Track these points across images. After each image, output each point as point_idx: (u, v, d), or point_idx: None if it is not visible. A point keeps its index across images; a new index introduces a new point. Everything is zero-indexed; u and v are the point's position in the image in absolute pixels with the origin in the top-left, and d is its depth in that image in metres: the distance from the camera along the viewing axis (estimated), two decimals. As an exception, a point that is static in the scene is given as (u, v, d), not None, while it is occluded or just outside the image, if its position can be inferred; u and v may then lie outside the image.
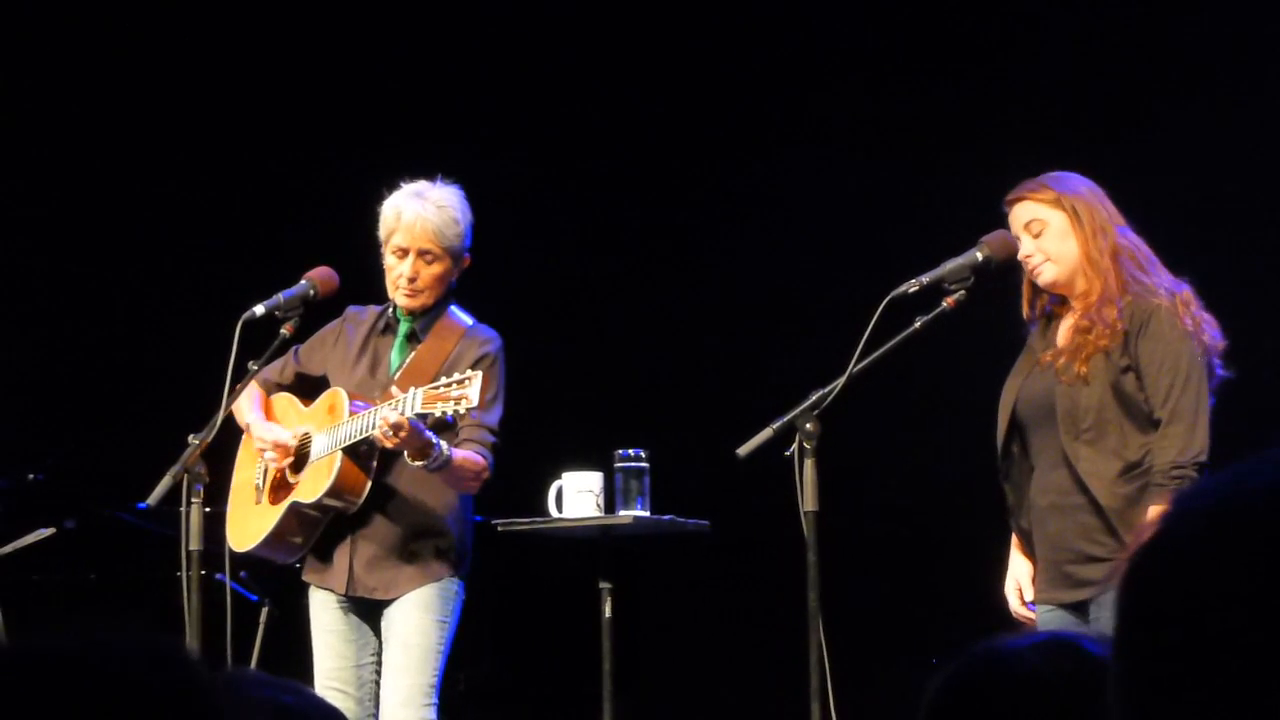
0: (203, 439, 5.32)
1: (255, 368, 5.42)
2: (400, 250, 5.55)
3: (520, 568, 6.93)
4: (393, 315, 5.66)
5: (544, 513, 5.97)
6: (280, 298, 5.46)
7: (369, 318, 5.71)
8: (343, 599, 5.54)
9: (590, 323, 7.92)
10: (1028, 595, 5.21)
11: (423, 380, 5.30)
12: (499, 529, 6.00)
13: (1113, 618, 1.24)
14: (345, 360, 5.67)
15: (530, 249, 7.92)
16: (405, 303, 5.58)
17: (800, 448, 4.95)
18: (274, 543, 5.61)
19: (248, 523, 5.67)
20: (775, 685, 6.18)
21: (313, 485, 5.52)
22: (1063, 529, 5.06)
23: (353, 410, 5.48)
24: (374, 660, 5.55)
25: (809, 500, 4.95)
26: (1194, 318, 5.04)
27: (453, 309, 5.64)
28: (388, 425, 5.21)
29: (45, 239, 8.32)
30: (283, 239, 7.62)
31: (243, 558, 5.75)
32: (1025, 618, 5.20)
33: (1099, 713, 1.24)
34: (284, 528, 5.57)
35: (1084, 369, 5.04)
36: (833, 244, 7.64)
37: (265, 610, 6.51)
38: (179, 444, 5.31)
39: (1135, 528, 4.92)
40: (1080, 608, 5.05)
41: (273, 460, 5.64)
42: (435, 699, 5.44)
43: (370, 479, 5.49)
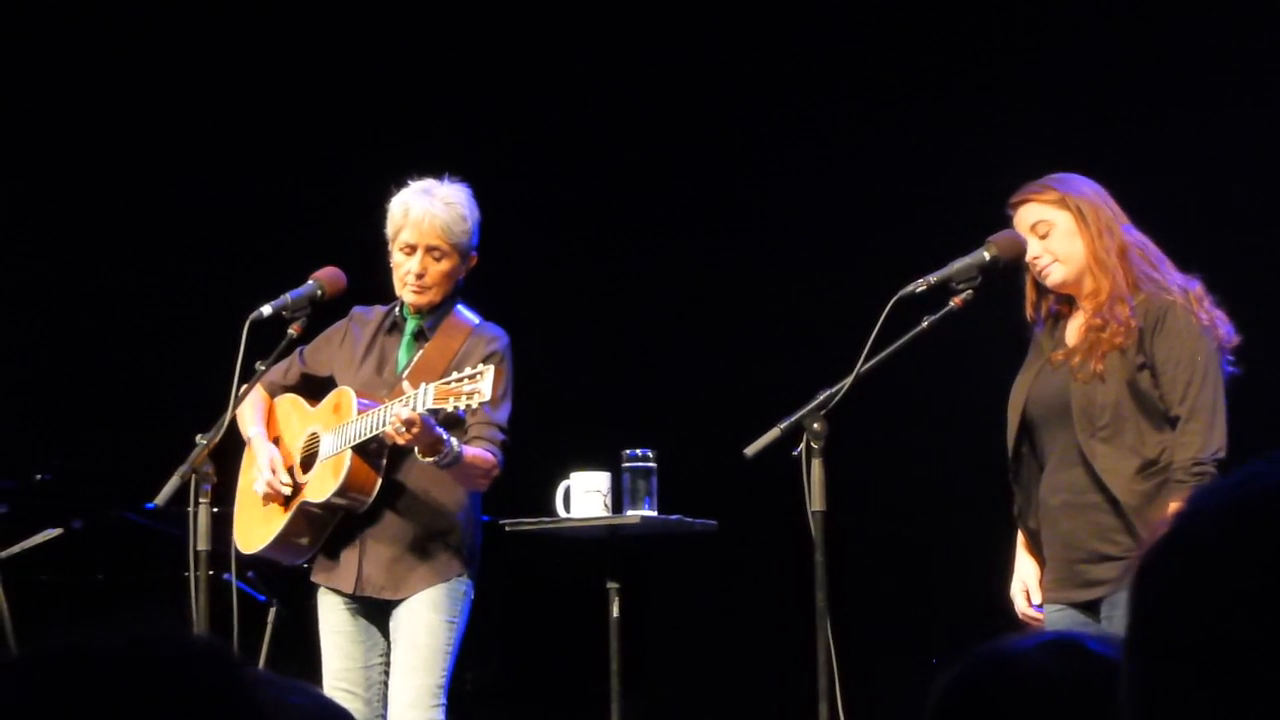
0: (210, 439, 5.32)
1: (263, 368, 5.42)
2: (408, 247, 5.55)
3: (528, 568, 6.92)
4: (399, 314, 5.65)
5: (551, 513, 5.96)
6: (288, 298, 5.45)
7: (375, 317, 5.70)
8: (351, 600, 5.53)
9: (598, 323, 7.92)
10: (1035, 597, 5.19)
11: (431, 378, 5.30)
12: (506, 529, 5.99)
13: (1125, 616, 1.24)
14: (352, 360, 5.66)
15: (538, 249, 7.92)
16: (413, 299, 5.57)
17: (808, 447, 4.94)
18: (282, 544, 5.59)
19: (255, 524, 5.65)
20: (783, 685, 6.17)
21: (322, 484, 5.51)
22: (1076, 528, 5.04)
23: (360, 409, 5.46)
24: (382, 661, 5.54)
25: (816, 500, 4.94)
26: (1208, 313, 5.03)
27: (459, 307, 5.63)
28: (400, 421, 5.20)
29: (52, 240, 8.32)
30: (290, 239, 7.62)
31: (250, 559, 5.74)
32: (1032, 619, 5.18)
33: (1106, 713, 1.24)
34: (292, 529, 5.56)
35: (1100, 366, 5.02)
36: (840, 243, 7.64)
37: (273, 611, 6.51)
38: (187, 444, 5.31)
39: (1151, 526, 4.91)
40: (1091, 607, 5.04)
41: (265, 489, 5.57)
42: (444, 699, 5.43)
43: (380, 477, 5.48)
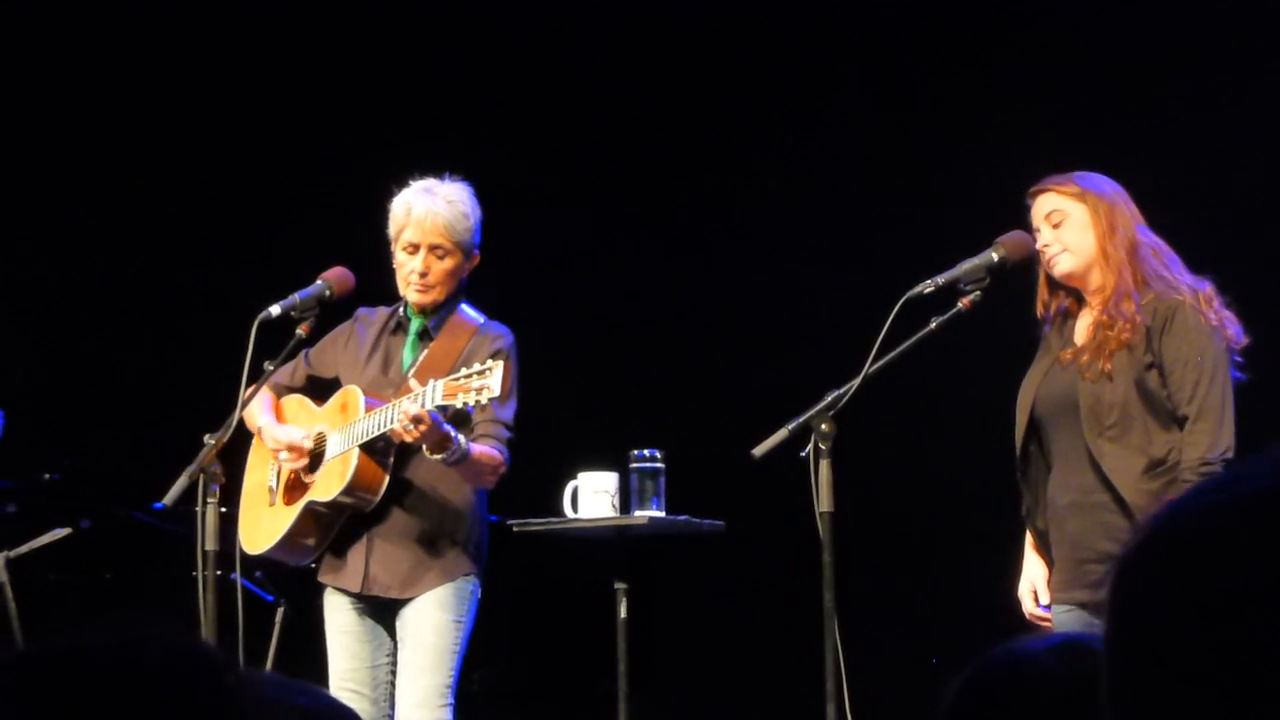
0: (219, 439, 5.32)
1: (271, 368, 5.42)
2: (411, 246, 5.55)
3: (536, 568, 6.93)
4: (404, 314, 5.65)
5: (559, 513, 5.97)
6: (296, 298, 5.46)
7: (379, 318, 5.70)
8: (358, 599, 5.53)
9: (606, 323, 7.92)
10: (1043, 598, 5.19)
11: (437, 377, 5.29)
12: (514, 529, 5.99)
13: (1105, 615, 1.23)
14: (357, 360, 5.66)
15: (545, 250, 7.92)
16: (417, 298, 5.56)
17: (815, 448, 4.94)
18: (288, 544, 5.59)
19: (261, 524, 5.65)
20: (790, 686, 6.17)
21: (329, 483, 5.51)
22: (1084, 528, 5.03)
23: (368, 407, 5.47)
24: (389, 661, 5.53)
25: (824, 501, 4.94)
26: (1217, 313, 5.03)
27: (463, 306, 5.63)
28: (408, 418, 5.19)
29: (61, 240, 8.33)
30: (299, 239, 7.62)
31: (256, 560, 5.74)
32: (1040, 619, 5.17)
33: None
34: (299, 528, 5.56)
35: (1108, 365, 5.02)
36: (848, 244, 7.64)
37: (281, 611, 6.51)
38: (195, 444, 5.31)
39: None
40: (1100, 608, 5.02)
41: (287, 461, 5.62)
42: (451, 699, 5.43)
43: (387, 476, 5.48)
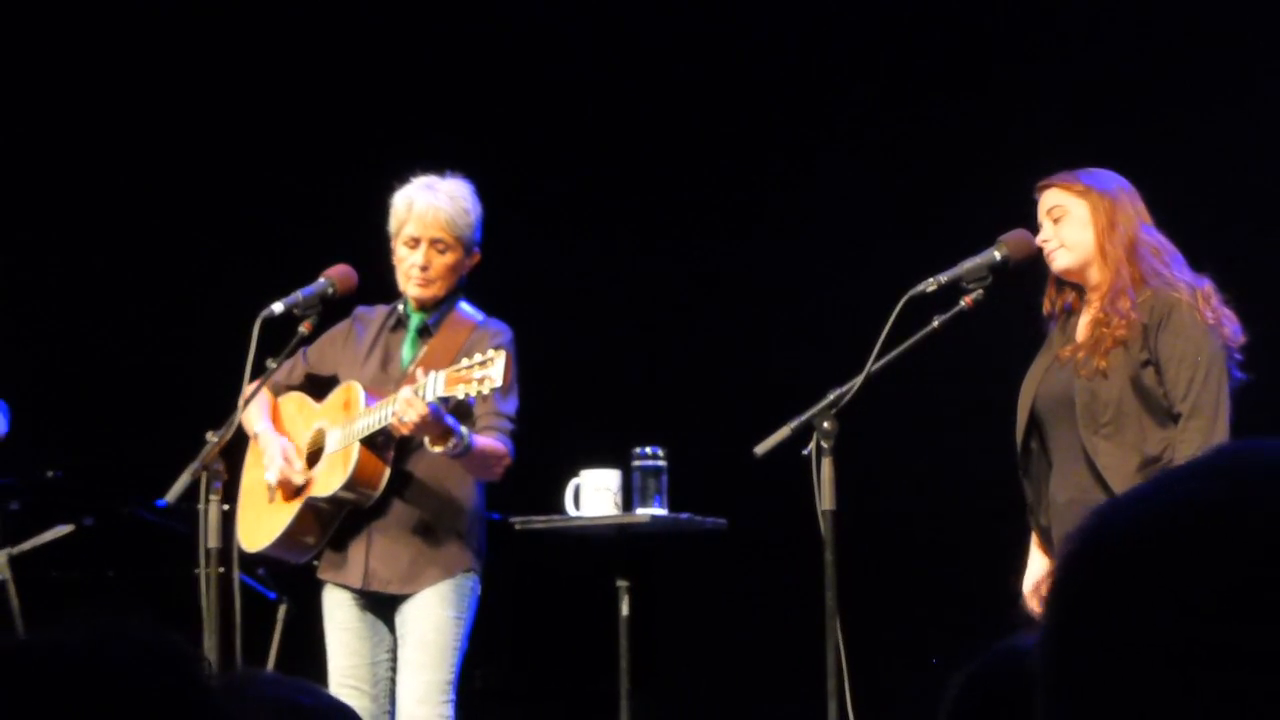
0: (221, 436, 5.32)
1: (274, 365, 5.42)
2: (412, 240, 5.55)
3: (538, 566, 6.92)
4: (403, 311, 5.65)
5: (562, 511, 5.96)
6: (299, 295, 5.46)
7: (378, 316, 5.70)
8: (357, 596, 5.53)
9: (608, 321, 7.92)
10: (1046, 595, 5.19)
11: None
12: (517, 527, 5.99)
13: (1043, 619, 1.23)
14: (356, 358, 5.65)
15: (547, 247, 7.92)
16: (417, 293, 5.56)
17: (818, 446, 4.94)
18: (287, 541, 5.58)
19: (260, 522, 5.63)
20: (792, 684, 6.17)
21: (329, 479, 5.50)
22: None
23: (368, 404, 5.46)
24: (389, 657, 5.53)
25: (826, 499, 4.94)
26: (1215, 311, 5.02)
27: (462, 304, 5.63)
28: (408, 407, 5.20)
29: (63, 238, 8.33)
30: (301, 237, 7.62)
31: (255, 558, 5.73)
32: (1044, 617, 5.17)
33: None
34: (299, 525, 5.55)
35: (1103, 363, 5.03)
36: (851, 242, 7.63)
37: (283, 608, 6.51)
38: (197, 441, 5.31)
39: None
40: None
41: (279, 476, 5.56)
42: (453, 695, 5.43)
43: (387, 471, 5.47)
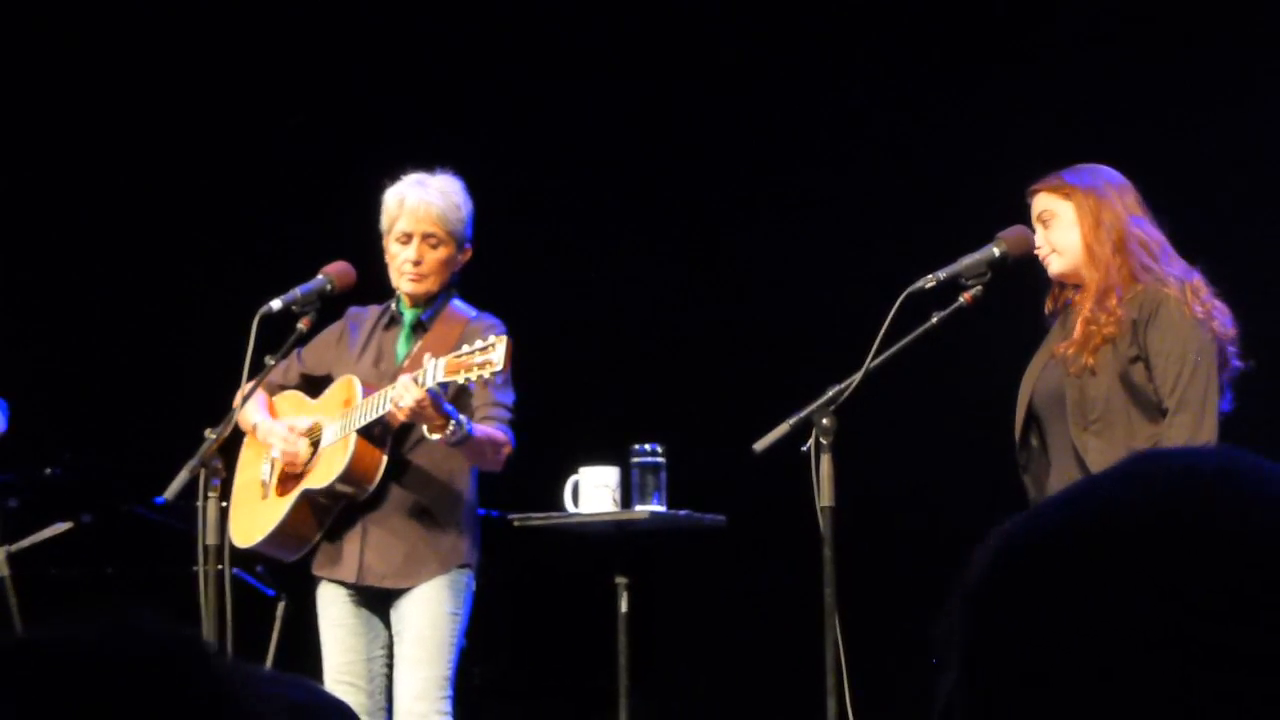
0: (219, 433, 5.32)
1: (272, 362, 5.42)
2: (404, 235, 5.55)
3: (537, 563, 6.92)
4: (396, 309, 5.65)
5: (560, 508, 5.96)
6: (297, 292, 5.46)
7: (371, 316, 5.70)
8: (352, 592, 5.52)
9: (607, 318, 7.91)
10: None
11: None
12: (515, 524, 5.99)
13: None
14: (349, 357, 5.64)
15: (546, 244, 7.92)
16: (410, 288, 5.56)
17: (817, 443, 4.94)
18: (281, 536, 5.56)
19: (253, 518, 5.62)
20: (791, 681, 6.17)
21: (326, 470, 5.49)
22: None
23: (365, 397, 5.46)
24: (384, 653, 5.52)
25: (825, 495, 4.94)
26: (1204, 305, 5.02)
27: (456, 300, 5.62)
28: (406, 392, 5.19)
29: (63, 235, 8.33)
30: (300, 234, 7.62)
31: (247, 554, 5.72)
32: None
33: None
34: (294, 518, 5.54)
35: (1091, 360, 5.03)
36: (850, 239, 7.63)
37: (281, 605, 6.51)
38: (196, 439, 5.31)
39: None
40: None
41: (285, 447, 5.57)
42: (450, 691, 5.43)
43: (384, 463, 5.46)
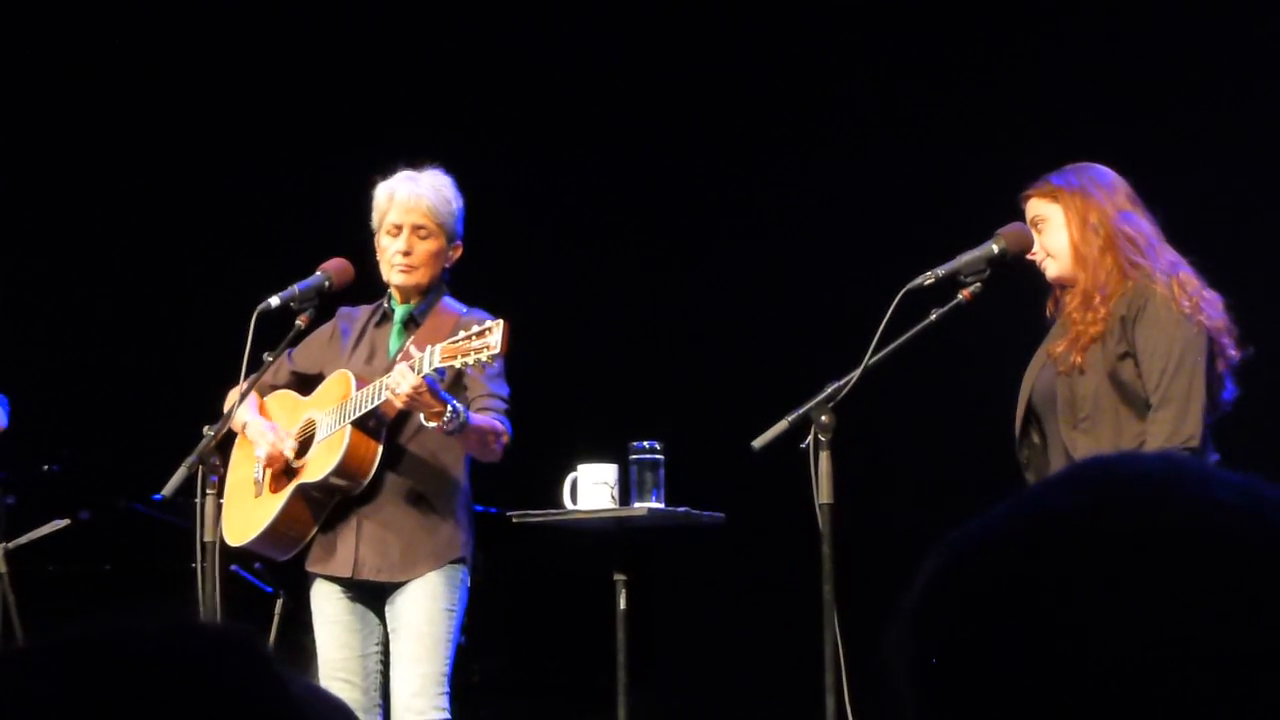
0: (218, 430, 5.32)
1: (270, 359, 5.42)
2: (394, 228, 5.56)
3: (535, 560, 6.93)
4: (388, 305, 5.65)
5: (559, 505, 5.96)
6: (295, 289, 5.46)
7: (363, 314, 5.70)
8: (346, 587, 5.51)
9: (605, 315, 7.92)
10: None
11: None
12: (514, 521, 5.99)
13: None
14: (341, 354, 5.64)
15: (545, 242, 7.92)
16: (401, 280, 5.55)
17: (815, 440, 4.93)
18: (274, 533, 5.55)
19: (246, 515, 5.61)
20: (790, 678, 6.17)
21: (320, 464, 5.48)
22: None
23: (359, 390, 5.45)
24: (379, 650, 5.52)
25: (824, 493, 4.94)
26: (1191, 299, 5.01)
27: (447, 297, 5.62)
28: (402, 379, 5.18)
29: (61, 233, 8.33)
30: (298, 231, 7.62)
31: (240, 552, 5.71)
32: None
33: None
34: (287, 514, 5.53)
35: (1079, 359, 5.04)
36: (848, 236, 7.63)
37: (280, 602, 6.51)
38: (194, 435, 5.31)
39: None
40: None
41: (269, 450, 5.56)
42: (447, 688, 5.43)
43: (378, 455, 5.45)
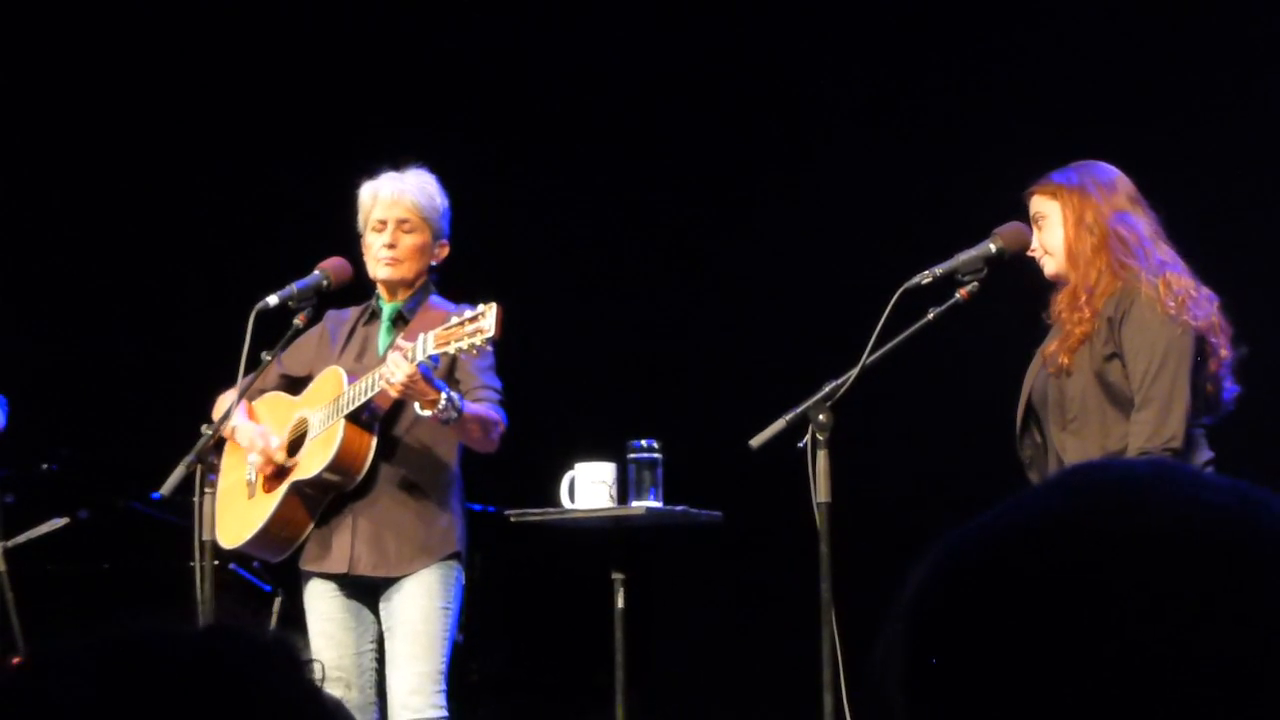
0: (216, 429, 5.33)
1: (269, 358, 5.42)
2: (379, 223, 5.57)
3: (533, 559, 6.93)
4: (376, 304, 5.65)
5: (557, 504, 5.96)
6: (294, 288, 5.46)
7: (351, 315, 5.71)
8: (341, 585, 5.51)
9: (603, 314, 7.92)
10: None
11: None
12: (511, 519, 5.99)
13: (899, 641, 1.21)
14: (331, 354, 5.64)
15: (543, 240, 7.92)
16: (386, 274, 5.56)
17: (813, 439, 4.94)
18: (268, 534, 5.55)
19: (240, 517, 5.61)
20: (788, 677, 6.18)
21: (314, 460, 5.48)
22: None
23: (351, 384, 5.45)
24: (374, 648, 5.52)
25: (821, 491, 4.94)
26: (1177, 299, 4.99)
27: (435, 295, 5.62)
28: (396, 367, 5.17)
29: (60, 231, 8.33)
30: (297, 230, 7.62)
31: (238, 551, 5.71)
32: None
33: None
34: (282, 514, 5.52)
35: (1067, 360, 5.04)
36: (846, 235, 7.63)
37: (278, 601, 6.51)
38: (192, 434, 5.31)
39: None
40: None
41: (256, 459, 5.55)
42: (444, 685, 5.43)
43: (372, 449, 5.45)
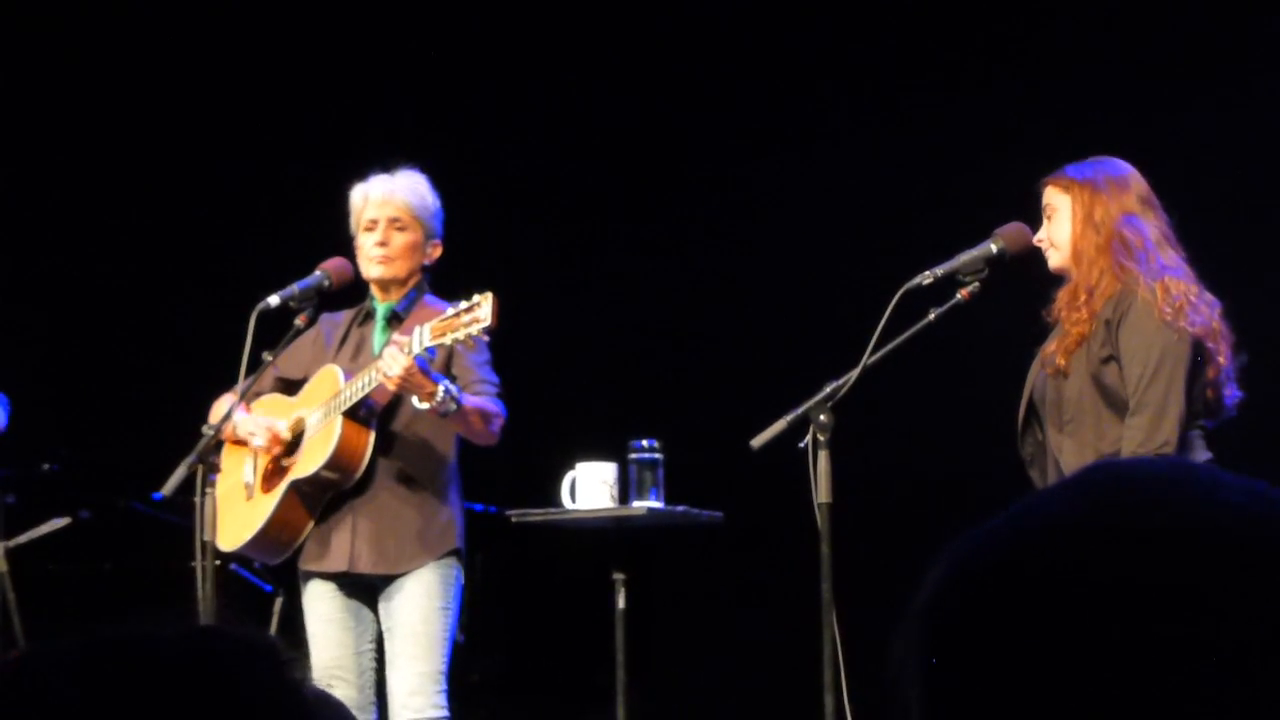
0: (217, 429, 5.33)
1: (269, 358, 5.42)
2: (371, 222, 5.58)
3: (534, 559, 6.93)
4: (370, 305, 5.65)
5: (558, 504, 5.96)
6: (295, 288, 5.47)
7: (345, 317, 5.72)
8: (340, 585, 5.51)
9: (604, 313, 7.92)
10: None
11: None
12: (513, 520, 5.99)
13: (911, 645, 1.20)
14: (326, 355, 5.65)
15: (544, 240, 7.92)
16: (379, 271, 5.56)
17: (814, 439, 4.94)
18: (266, 536, 5.54)
19: (239, 519, 5.61)
20: (789, 677, 6.18)
21: (311, 458, 5.48)
22: None
23: (348, 381, 5.45)
24: (373, 647, 5.52)
25: (823, 492, 4.94)
26: (1174, 305, 4.98)
27: (429, 295, 5.63)
28: (393, 360, 5.17)
29: (61, 231, 8.33)
30: (298, 231, 7.62)
31: (234, 555, 5.70)
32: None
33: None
34: (281, 514, 5.52)
35: (1063, 362, 5.04)
36: (848, 235, 7.63)
37: (278, 601, 6.51)
38: (194, 434, 5.31)
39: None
40: None
41: (262, 442, 5.57)
42: (444, 685, 5.44)
43: (370, 445, 5.46)
